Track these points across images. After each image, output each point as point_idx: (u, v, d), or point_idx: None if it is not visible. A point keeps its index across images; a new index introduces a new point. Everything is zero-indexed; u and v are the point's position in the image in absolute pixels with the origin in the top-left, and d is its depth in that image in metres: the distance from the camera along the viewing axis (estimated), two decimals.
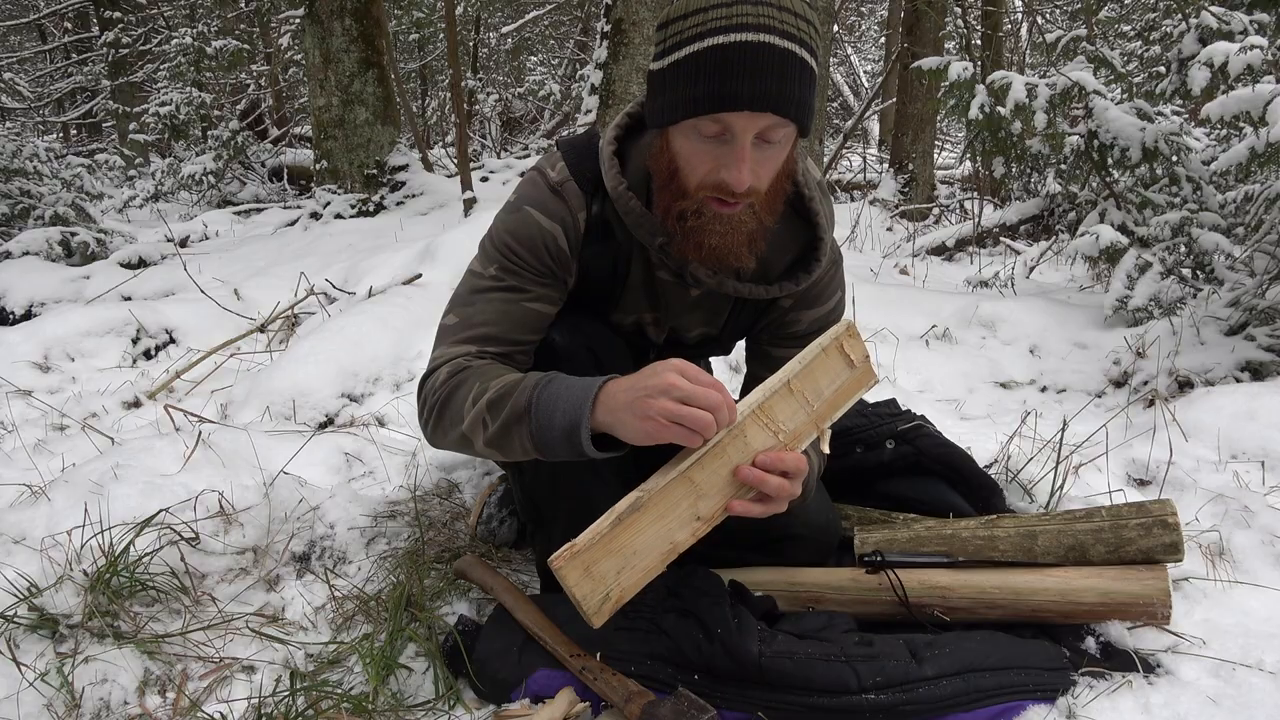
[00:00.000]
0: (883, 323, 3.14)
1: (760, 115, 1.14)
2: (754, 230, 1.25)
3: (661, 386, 1.09)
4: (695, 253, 1.26)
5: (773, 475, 1.14)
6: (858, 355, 1.23)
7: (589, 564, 1.09)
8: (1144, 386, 2.55)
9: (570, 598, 1.10)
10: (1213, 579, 1.56)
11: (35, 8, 14.55)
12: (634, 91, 4.01)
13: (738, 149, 1.16)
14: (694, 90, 1.14)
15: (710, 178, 1.20)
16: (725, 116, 1.14)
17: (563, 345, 1.39)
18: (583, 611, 1.11)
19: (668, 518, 1.12)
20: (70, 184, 6.10)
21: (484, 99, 10.41)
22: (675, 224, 1.26)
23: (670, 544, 1.13)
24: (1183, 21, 3.78)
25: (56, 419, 2.49)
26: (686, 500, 1.13)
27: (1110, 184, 3.76)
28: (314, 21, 5.82)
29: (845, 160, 11.22)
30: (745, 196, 1.20)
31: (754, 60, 1.12)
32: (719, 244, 1.24)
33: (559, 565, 1.08)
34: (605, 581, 1.10)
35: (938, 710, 1.26)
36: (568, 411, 1.15)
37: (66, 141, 14.06)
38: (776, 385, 1.17)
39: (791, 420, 1.18)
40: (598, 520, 1.10)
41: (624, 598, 1.12)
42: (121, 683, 1.38)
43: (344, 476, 2.12)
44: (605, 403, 1.14)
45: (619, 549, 1.10)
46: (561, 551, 1.08)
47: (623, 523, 1.09)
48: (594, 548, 1.08)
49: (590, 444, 1.15)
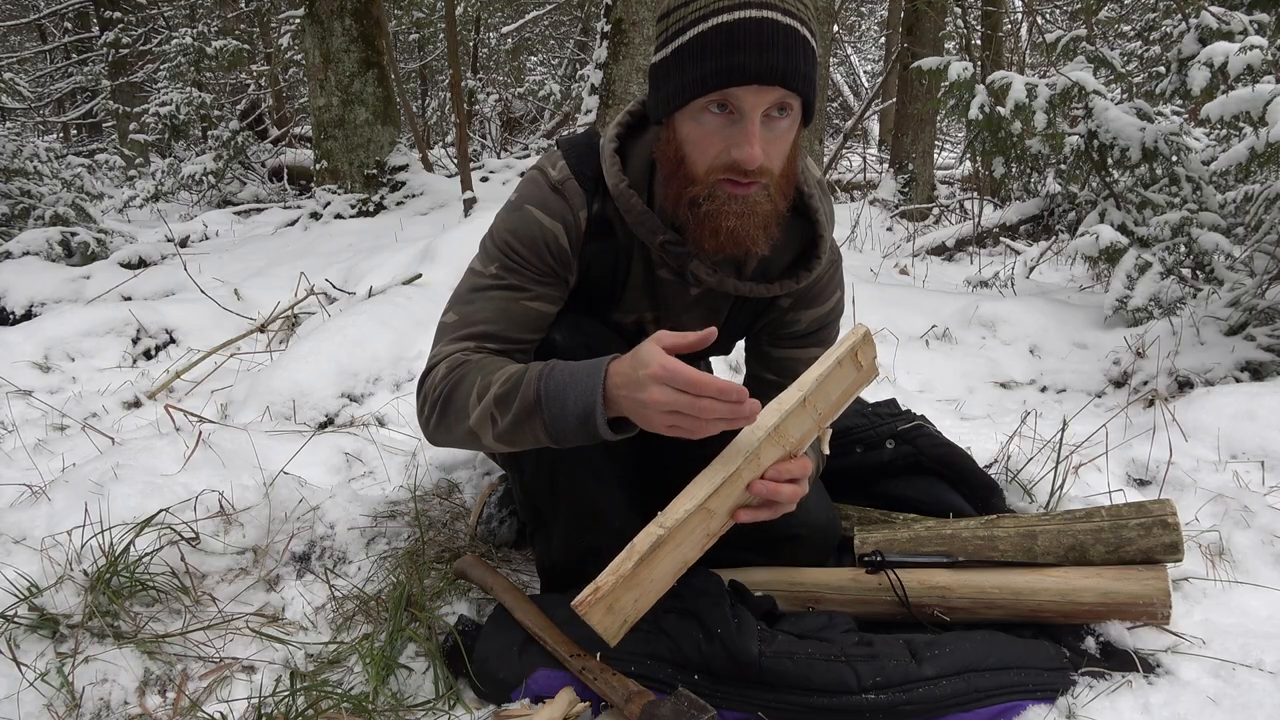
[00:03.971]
0: (883, 323, 3.14)
1: (768, 89, 1.14)
2: (769, 213, 1.23)
3: (649, 401, 1.08)
4: (712, 239, 1.23)
5: (784, 484, 1.14)
6: (868, 359, 1.22)
7: (611, 603, 1.11)
8: (1144, 386, 2.55)
9: (591, 627, 1.12)
10: (1212, 579, 1.56)
11: (35, 8, 14.54)
12: (634, 91, 4.01)
13: (747, 125, 1.15)
14: (701, 69, 1.14)
15: (720, 159, 1.18)
16: (734, 91, 1.14)
17: (563, 344, 1.38)
18: (602, 638, 1.13)
19: (684, 545, 1.13)
20: (70, 184, 6.10)
21: (484, 99, 10.41)
22: (688, 212, 1.24)
23: (682, 563, 1.15)
24: (1183, 21, 3.78)
25: (56, 419, 2.48)
26: (701, 526, 1.14)
27: (1110, 184, 3.76)
28: (314, 21, 5.82)
29: (845, 160, 11.22)
30: (758, 176, 1.18)
31: (759, 35, 1.12)
32: (736, 226, 1.21)
33: (584, 610, 1.09)
34: (624, 612, 1.13)
35: (937, 710, 1.26)
36: (580, 399, 1.15)
37: (66, 141, 14.05)
38: (793, 405, 1.15)
39: (800, 430, 1.17)
40: (618, 559, 1.10)
41: (638, 618, 1.15)
42: (121, 683, 1.38)
43: (344, 476, 2.12)
44: (611, 388, 1.14)
45: (638, 583, 1.11)
46: (585, 596, 1.09)
47: (644, 562, 1.10)
48: (616, 589, 1.10)
49: (606, 428, 1.15)
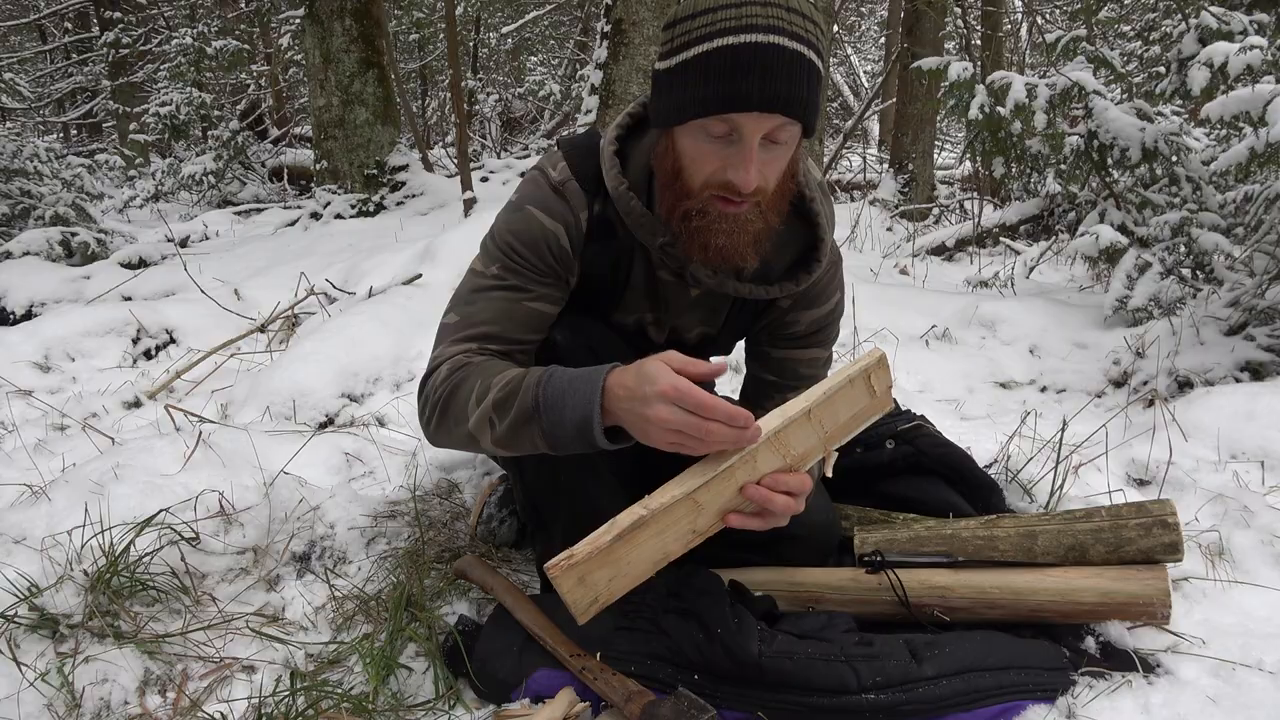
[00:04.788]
0: (883, 323, 3.14)
1: (769, 116, 1.14)
2: (760, 230, 1.24)
3: (652, 418, 1.07)
4: (701, 253, 1.25)
5: (778, 494, 1.13)
6: (881, 386, 1.20)
7: (584, 574, 1.10)
8: (1144, 386, 2.55)
9: (560, 597, 1.12)
10: (1212, 579, 1.57)
11: (35, 8, 14.54)
12: (634, 91, 4.01)
13: (745, 150, 1.16)
14: (704, 91, 1.14)
15: (716, 177, 1.19)
16: (734, 117, 1.14)
17: (564, 345, 1.39)
18: (570, 610, 1.13)
19: (666, 533, 1.12)
20: (70, 184, 6.10)
21: (484, 99, 10.42)
22: (680, 224, 1.25)
23: (663, 554, 1.14)
24: (1183, 22, 3.78)
25: (57, 419, 2.48)
26: (687, 518, 1.13)
27: (1110, 184, 3.75)
28: (314, 21, 5.82)
29: (845, 160, 11.22)
30: (751, 196, 1.19)
31: (764, 61, 1.11)
32: (725, 244, 1.23)
33: (555, 574, 1.09)
34: (596, 588, 1.12)
35: (937, 710, 1.26)
36: (577, 407, 1.15)
37: (67, 141, 14.05)
38: (797, 414, 1.14)
39: (803, 444, 1.16)
40: (598, 531, 1.10)
41: (610, 600, 1.15)
42: (122, 683, 1.38)
43: (344, 476, 2.12)
44: (610, 398, 1.13)
45: (614, 560, 1.11)
46: (559, 560, 1.09)
47: (623, 539, 1.10)
48: (590, 560, 1.09)
49: (604, 437, 1.15)
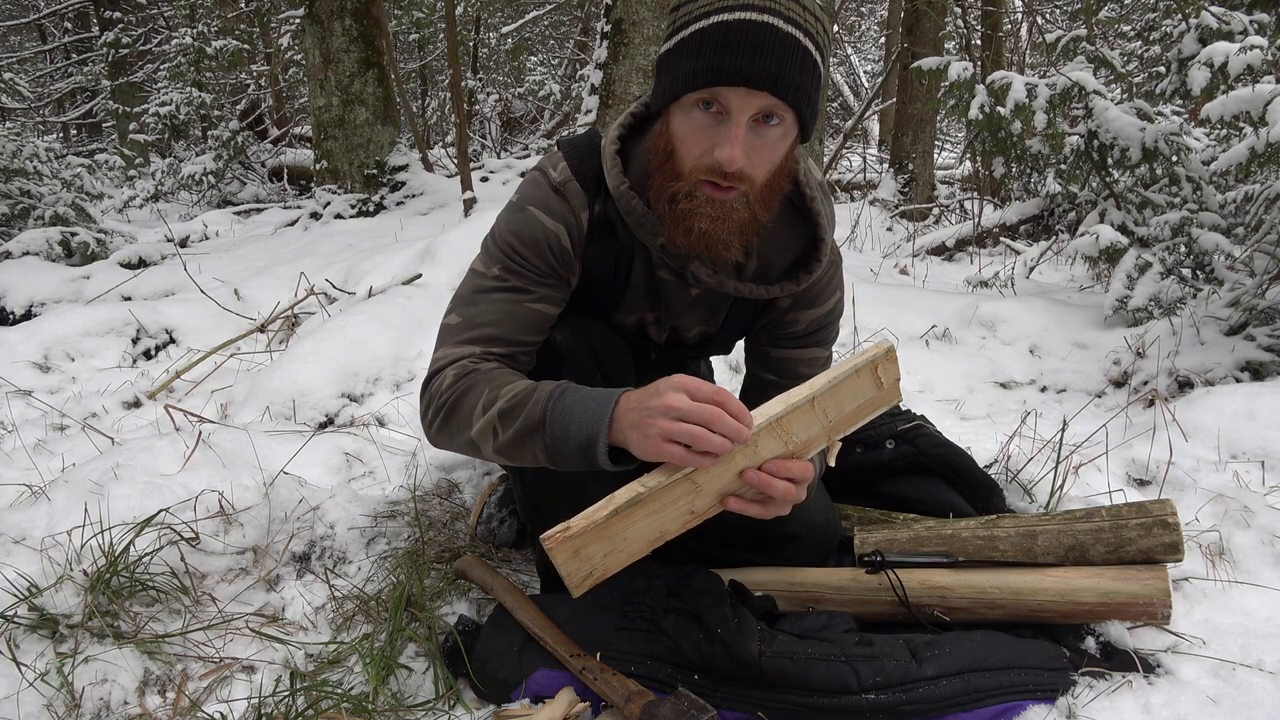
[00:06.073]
0: (883, 323, 3.14)
1: (756, 94, 1.14)
2: (745, 221, 1.23)
3: (661, 407, 1.07)
4: (684, 237, 1.24)
5: (779, 480, 1.13)
6: (889, 378, 1.20)
7: (579, 547, 1.11)
8: (1144, 386, 2.55)
9: (556, 569, 1.13)
10: (1213, 579, 1.56)
11: (35, 8, 14.54)
12: (634, 91, 4.00)
13: (732, 127, 1.16)
14: (694, 65, 1.15)
15: (705, 159, 1.19)
16: (721, 91, 1.14)
17: (565, 346, 1.38)
18: (565, 583, 1.14)
19: (663, 512, 1.13)
20: (70, 184, 6.10)
21: (484, 99, 10.42)
22: (666, 206, 1.24)
23: (660, 533, 1.15)
24: (1183, 21, 3.78)
25: (56, 419, 2.48)
26: (685, 498, 1.13)
27: (1110, 184, 3.75)
28: (314, 21, 5.82)
29: (845, 160, 11.22)
30: (738, 180, 1.19)
31: (755, 38, 1.12)
32: (709, 229, 1.22)
33: (551, 545, 1.10)
34: (591, 562, 1.13)
35: (937, 710, 1.26)
36: (584, 426, 1.15)
37: (66, 141, 14.04)
38: (799, 400, 1.14)
39: (806, 432, 1.16)
40: (595, 506, 1.10)
41: (605, 575, 1.15)
42: (121, 683, 1.38)
43: (344, 476, 2.12)
44: (619, 419, 1.13)
45: (610, 536, 1.11)
46: (555, 532, 1.09)
47: (619, 515, 1.10)
48: (586, 534, 1.10)
49: (606, 459, 1.15)
